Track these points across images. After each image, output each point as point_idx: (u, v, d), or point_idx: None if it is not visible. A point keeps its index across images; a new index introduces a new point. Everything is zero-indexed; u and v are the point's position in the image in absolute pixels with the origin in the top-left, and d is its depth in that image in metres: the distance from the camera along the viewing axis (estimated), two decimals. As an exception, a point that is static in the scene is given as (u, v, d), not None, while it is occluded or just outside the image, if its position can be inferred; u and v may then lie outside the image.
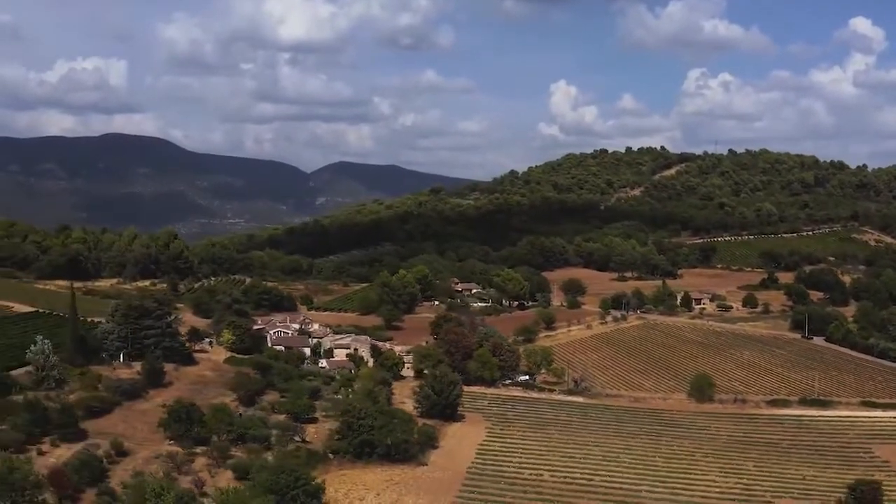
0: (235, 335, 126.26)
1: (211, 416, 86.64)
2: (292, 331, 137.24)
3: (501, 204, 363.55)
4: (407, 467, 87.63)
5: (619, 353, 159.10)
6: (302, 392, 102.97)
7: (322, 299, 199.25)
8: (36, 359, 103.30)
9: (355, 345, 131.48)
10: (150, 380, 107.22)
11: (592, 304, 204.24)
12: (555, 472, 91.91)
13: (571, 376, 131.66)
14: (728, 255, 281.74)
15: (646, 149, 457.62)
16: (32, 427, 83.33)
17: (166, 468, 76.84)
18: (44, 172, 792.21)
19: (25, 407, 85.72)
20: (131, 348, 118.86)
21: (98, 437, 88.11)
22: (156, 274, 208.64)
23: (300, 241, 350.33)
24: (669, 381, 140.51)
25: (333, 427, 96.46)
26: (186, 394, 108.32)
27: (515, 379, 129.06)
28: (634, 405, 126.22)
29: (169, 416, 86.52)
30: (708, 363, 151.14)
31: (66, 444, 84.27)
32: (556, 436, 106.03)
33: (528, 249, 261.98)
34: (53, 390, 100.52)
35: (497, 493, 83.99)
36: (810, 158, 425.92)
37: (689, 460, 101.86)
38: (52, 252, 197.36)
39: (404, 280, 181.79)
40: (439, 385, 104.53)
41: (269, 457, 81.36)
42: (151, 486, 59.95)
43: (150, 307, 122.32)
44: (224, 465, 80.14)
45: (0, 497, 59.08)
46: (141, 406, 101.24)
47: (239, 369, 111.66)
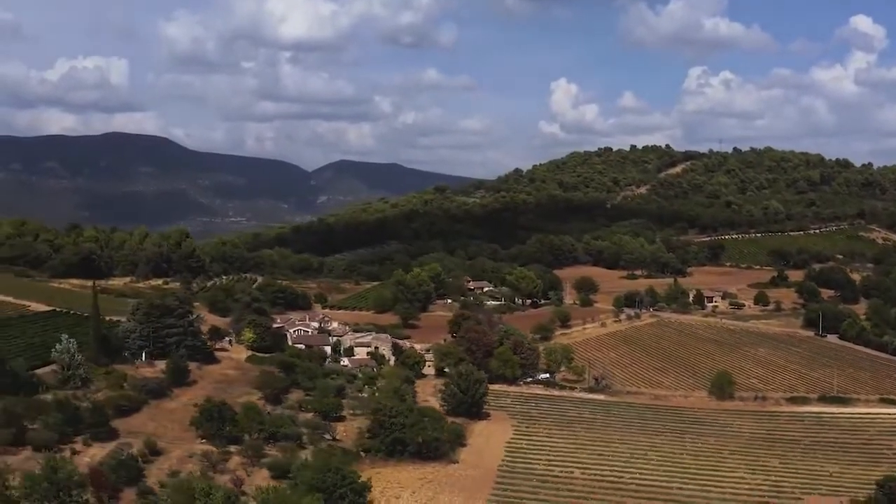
0: (256, 334, 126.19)
1: (242, 414, 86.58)
2: (312, 329, 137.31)
3: (508, 202, 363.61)
4: (438, 465, 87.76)
5: (635, 350, 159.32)
6: (328, 390, 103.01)
7: (335, 297, 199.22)
8: (62, 358, 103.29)
9: (376, 343, 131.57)
10: (175, 379, 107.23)
11: (604, 302, 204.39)
12: (585, 469, 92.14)
13: (592, 374, 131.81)
14: (736, 253, 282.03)
15: (650, 147, 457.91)
16: (65, 426, 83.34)
17: (202, 467, 76.81)
18: (45, 171, 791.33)
19: (56, 406, 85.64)
20: (153, 347, 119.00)
21: (129, 436, 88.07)
22: (168, 273, 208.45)
23: (306, 240, 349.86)
24: (688, 378, 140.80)
25: (362, 425, 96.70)
26: (211, 392, 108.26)
27: (536, 377, 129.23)
28: (655, 403, 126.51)
29: (201, 414, 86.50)
30: (725, 361, 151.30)
31: (99, 444, 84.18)
32: (582, 433, 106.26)
33: (538, 248, 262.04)
34: (79, 389, 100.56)
35: (530, 490, 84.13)
36: (815, 156, 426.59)
37: (717, 458, 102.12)
38: (66, 251, 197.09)
39: (419, 278, 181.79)
40: (465, 383, 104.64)
41: (303, 455, 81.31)
42: (200, 485, 59.82)
43: (171, 306, 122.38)
44: (258, 463, 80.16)
45: (45, 497, 58.98)
46: (168, 405, 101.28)
47: (262, 368, 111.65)
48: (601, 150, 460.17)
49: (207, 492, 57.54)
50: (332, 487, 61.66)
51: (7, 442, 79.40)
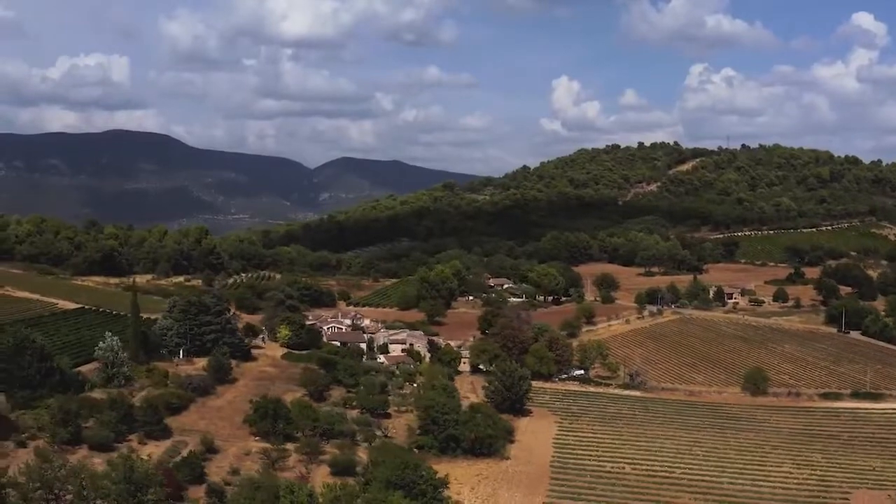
0: (292, 331, 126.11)
1: (296, 411, 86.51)
2: (345, 326, 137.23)
3: (518, 199, 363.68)
4: (491, 461, 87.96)
5: (662, 347, 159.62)
6: (373, 387, 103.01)
7: (357, 295, 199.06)
8: (106, 356, 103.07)
9: (411, 340, 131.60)
10: (218, 376, 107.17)
11: (624, 299, 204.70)
12: (635, 465, 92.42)
13: (627, 371, 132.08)
14: (750, 250, 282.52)
15: (659, 144, 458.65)
16: (119, 425, 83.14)
17: (262, 465, 76.78)
18: (47, 168, 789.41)
19: (110, 404, 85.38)
20: (190, 345, 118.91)
21: (181, 434, 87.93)
22: (188, 270, 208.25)
23: (316, 238, 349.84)
24: (720, 374, 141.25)
25: (408, 421, 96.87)
26: (253, 390, 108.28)
27: (570, 373, 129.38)
28: (691, 399, 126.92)
29: (255, 412, 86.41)
30: (753, 357, 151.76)
31: (153, 442, 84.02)
32: (625, 430, 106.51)
33: (554, 244, 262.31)
34: (123, 387, 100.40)
35: (586, 486, 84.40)
36: (825, 153, 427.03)
37: (760, 453, 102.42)
38: (88, 248, 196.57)
39: (443, 275, 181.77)
40: (510, 380, 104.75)
41: (359, 452, 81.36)
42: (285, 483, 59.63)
43: (208, 303, 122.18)
44: (316, 460, 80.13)
45: (122, 496, 58.63)
46: (214, 402, 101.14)
47: (306, 365, 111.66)
48: (609, 146, 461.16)
49: (292, 489, 57.41)
50: (411, 484, 61.74)
51: (64, 441, 79.29)
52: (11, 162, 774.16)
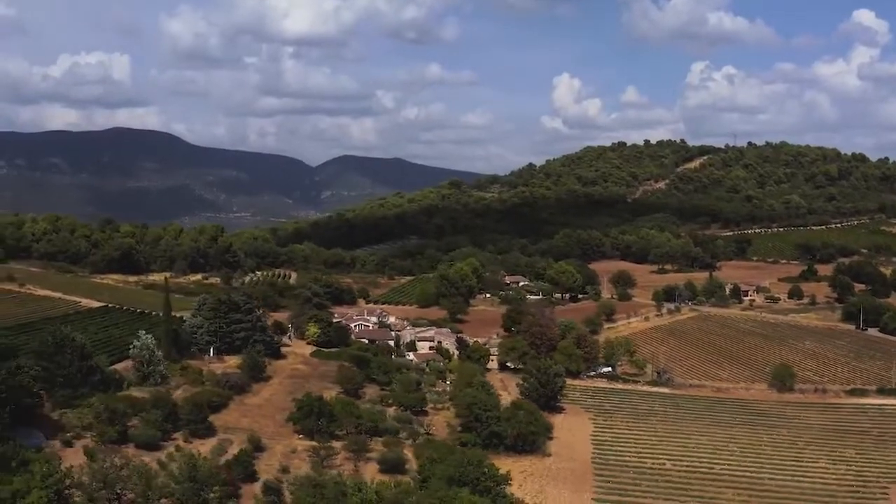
0: (321, 329, 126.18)
1: (339, 409, 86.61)
2: (372, 324, 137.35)
3: (527, 197, 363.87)
4: (534, 458, 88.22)
5: (684, 344, 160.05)
6: (409, 384, 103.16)
7: (374, 292, 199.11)
8: (142, 354, 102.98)
9: (439, 337, 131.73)
10: (252, 374, 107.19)
11: (640, 296, 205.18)
12: (675, 461, 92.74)
13: (654, 368, 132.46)
14: (762, 248, 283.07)
15: (665, 141, 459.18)
16: (164, 423, 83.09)
17: (312, 462, 76.88)
18: (49, 167, 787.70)
19: (153, 403, 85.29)
20: (220, 343, 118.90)
21: (225, 432, 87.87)
22: (204, 268, 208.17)
23: (325, 235, 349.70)
24: (744, 371, 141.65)
25: (446, 418, 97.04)
26: (289, 388, 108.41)
27: (598, 370, 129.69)
28: (718, 395, 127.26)
29: (298, 409, 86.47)
30: (776, 354, 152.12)
31: (198, 440, 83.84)
32: (659, 426, 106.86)
33: (566, 242, 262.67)
34: (159, 386, 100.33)
35: (630, 483, 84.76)
36: (832, 151, 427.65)
37: (794, 449, 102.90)
38: (106, 246, 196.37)
39: (462, 273, 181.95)
40: (545, 377, 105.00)
41: (405, 450, 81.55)
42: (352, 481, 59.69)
43: (238, 301, 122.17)
44: (363, 458, 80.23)
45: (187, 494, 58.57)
46: (251, 400, 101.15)
47: (341, 363, 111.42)
48: (615, 144, 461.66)
49: (360, 487, 57.53)
50: (475, 480, 61.87)
51: (112, 440, 79.21)
52: (13, 160, 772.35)
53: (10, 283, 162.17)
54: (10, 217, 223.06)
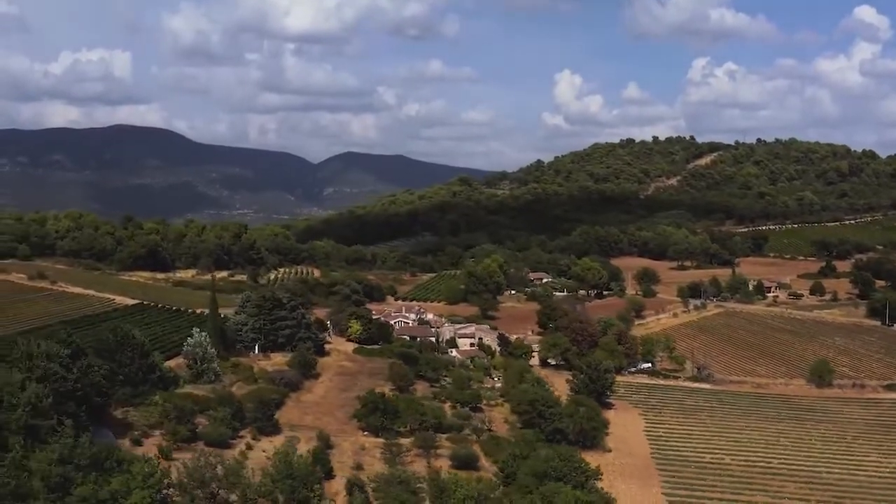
0: (363, 326, 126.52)
1: (403, 406, 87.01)
2: (412, 321, 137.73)
3: (540, 193, 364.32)
4: (596, 453, 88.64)
5: (715, 340, 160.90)
6: (462, 381, 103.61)
7: (399, 290, 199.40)
8: (195, 351, 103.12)
9: (479, 334, 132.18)
10: (303, 371, 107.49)
11: (664, 292, 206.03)
12: (732, 456, 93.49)
13: (694, 363, 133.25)
14: (778, 244, 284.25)
15: (675, 138, 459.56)
16: (232, 421, 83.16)
17: (385, 459, 77.22)
18: (52, 164, 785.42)
19: (220, 401, 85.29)
20: (265, 340, 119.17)
21: (289, 429, 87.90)
22: (228, 265, 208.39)
23: (337, 232, 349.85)
24: (781, 367, 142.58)
25: (501, 414, 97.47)
26: (340, 385, 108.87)
27: (638, 366, 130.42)
28: (759, 391, 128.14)
29: (363, 406, 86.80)
30: (808, 350, 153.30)
31: (266, 438, 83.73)
32: (708, 421, 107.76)
33: (584, 239, 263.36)
34: (213, 383, 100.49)
35: (695, 477, 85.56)
36: (841, 147, 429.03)
37: (844, 443, 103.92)
38: (132, 243, 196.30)
39: (490, 269, 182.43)
40: (595, 373, 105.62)
41: (474, 446, 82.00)
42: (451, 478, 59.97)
43: (282, 298, 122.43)
44: (434, 454, 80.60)
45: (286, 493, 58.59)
46: (306, 397, 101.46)
47: (391, 360, 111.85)
48: (624, 141, 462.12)
49: (458, 484, 57.91)
50: (568, 476, 62.27)
51: (183, 439, 79.30)
52: (15, 158, 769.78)
53: (42, 281, 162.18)
54: (32, 214, 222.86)
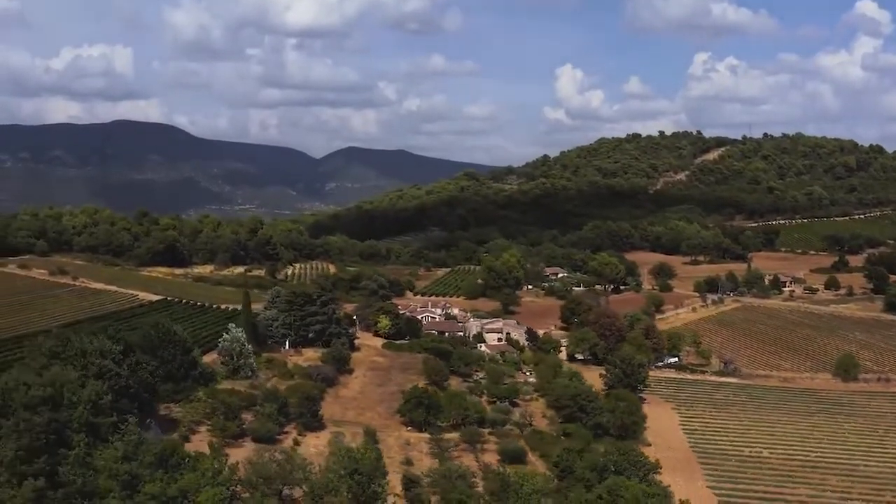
0: (391, 321, 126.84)
1: (446, 401, 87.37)
2: (438, 316, 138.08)
3: (548, 188, 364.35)
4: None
5: (736, 334, 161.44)
6: (497, 375, 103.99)
7: (416, 285, 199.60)
8: (232, 347, 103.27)
9: (507, 329, 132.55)
10: (338, 367, 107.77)
11: (680, 287, 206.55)
12: (770, 449, 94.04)
13: (720, 358, 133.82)
14: (789, 239, 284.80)
15: (681, 133, 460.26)
16: (279, 416, 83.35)
17: (434, 454, 77.57)
18: (53, 159, 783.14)
19: (265, 397, 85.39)
20: (296, 335, 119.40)
21: (332, 425, 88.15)
22: (245, 260, 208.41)
23: (345, 227, 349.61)
24: (805, 361, 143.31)
25: (538, 409, 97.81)
26: (374, 380, 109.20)
27: (665, 360, 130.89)
28: (786, 385, 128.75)
29: (406, 401, 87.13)
30: (829, 344, 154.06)
31: (311, 433, 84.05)
32: (740, 415, 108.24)
33: (596, 233, 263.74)
34: (249, 379, 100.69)
35: (737, 470, 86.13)
36: (849, 142, 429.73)
37: (875, 436, 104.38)
38: (150, 239, 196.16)
39: (509, 264, 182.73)
40: (629, 367, 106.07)
41: (520, 441, 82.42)
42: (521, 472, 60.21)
43: (313, 294, 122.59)
44: (479, 449, 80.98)
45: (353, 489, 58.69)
46: (343, 392, 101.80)
47: (425, 355, 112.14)
48: (630, 136, 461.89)
49: (526, 478, 58.29)
50: (629, 469, 62.68)
51: (231, 435, 79.44)
52: (17, 153, 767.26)
53: (64, 277, 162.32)
54: (46, 210, 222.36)
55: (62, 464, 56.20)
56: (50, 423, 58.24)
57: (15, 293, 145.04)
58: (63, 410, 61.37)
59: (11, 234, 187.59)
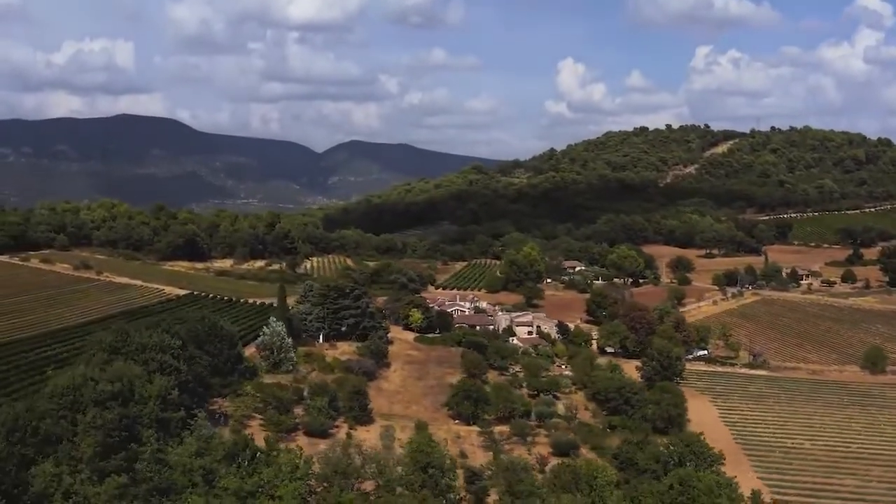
0: (423, 314, 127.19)
1: (494, 394, 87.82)
2: (468, 309, 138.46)
3: (559, 182, 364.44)
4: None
5: (760, 327, 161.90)
6: (535, 368, 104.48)
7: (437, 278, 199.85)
8: (273, 341, 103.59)
9: (537, 322, 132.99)
10: (377, 360, 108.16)
11: (697, 280, 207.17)
12: (812, 441, 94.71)
13: (749, 350, 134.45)
14: (801, 232, 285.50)
15: (689, 126, 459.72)
16: (330, 410, 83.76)
17: (487, 447, 78.05)
18: (56, 154, 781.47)
19: (316, 391, 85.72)
20: (329, 329, 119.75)
21: (381, 418, 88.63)
22: (263, 254, 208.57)
23: (355, 221, 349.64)
24: (831, 354, 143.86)
25: (578, 401, 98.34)
26: (413, 373, 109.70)
27: (695, 353, 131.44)
28: (815, 378, 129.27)
29: (454, 395, 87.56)
30: (853, 337, 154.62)
31: (361, 427, 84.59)
32: (777, 407, 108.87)
33: (610, 227, 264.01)
34: (290, 373, 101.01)
35: (783, 462, 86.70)
36: (857, 135, 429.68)
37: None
38: (170, 233, 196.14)
39: (531, 258, 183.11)
40: (667, 359, 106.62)
41: (570, 434, 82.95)
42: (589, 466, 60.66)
43: (346, 288, 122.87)
44: (530, 442, 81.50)
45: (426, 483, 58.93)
46: (384, 386, 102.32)
47: (462, 349, 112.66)
48: (637, 129, 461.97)
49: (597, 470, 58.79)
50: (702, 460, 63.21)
51: (285, 429, 79.77)
52: (20, 148, 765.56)
53: (88, 271, 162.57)
54: (63, 204, 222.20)
55: (137, 460, 56.52)
56: (121, 420, 58.57)
57: (42, 288, 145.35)
58: (132, 406, 61.71)
59: (32, 229, 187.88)
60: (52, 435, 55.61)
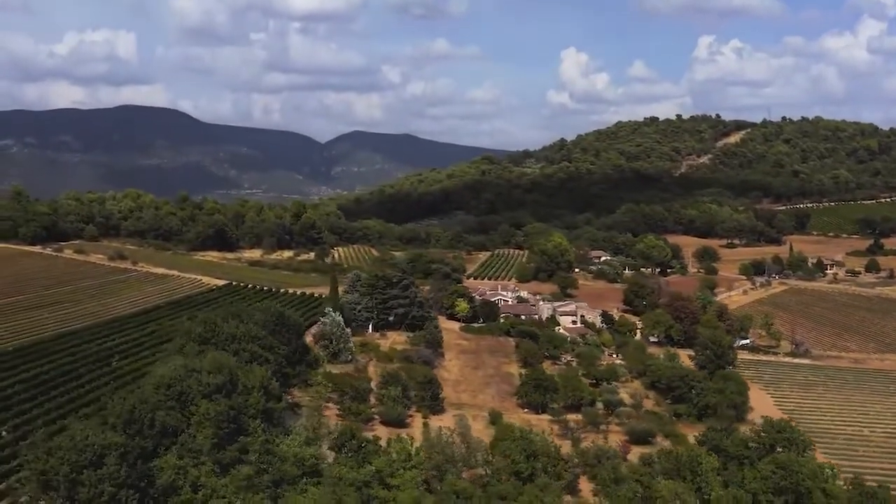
0: (469, 304, 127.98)
1: (562, 383, 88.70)
2: (510, 299, 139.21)
3: (573, 172, 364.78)
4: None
5: (794, 316, 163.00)
6: (591, 357, 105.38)
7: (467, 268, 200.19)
8: (332, 332, 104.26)
9: (581, 311, 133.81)
10: (433, 349, 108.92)
11: (722, 269, 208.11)
12: (870, 428, 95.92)
13: (792, 339, 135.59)
14: (818, 222, 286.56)
15: (700, 116, 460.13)
16: (403, 399, 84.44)
17: (565, 436, 78.94)
18: (60, 145, 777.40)
19: (389, 381, 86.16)
20: (377, 319, 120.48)
21: (451, 408, 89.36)
22: (290, 244, 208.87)
23: (369, 210, 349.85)
24: (868, 342, 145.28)
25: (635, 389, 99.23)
26: (468, 362, 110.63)
27: (738, 342, 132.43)
28: (858, 366, 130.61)
29: (525, 384, 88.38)
30: (888, 325, 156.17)
31: (434, 416, 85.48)
32: (827, 395, 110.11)
33: (630, 217, 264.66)
34: (350, 363, 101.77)
35: (847, 448, 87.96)
36: (869, 126, 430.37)
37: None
38: (200, 223, 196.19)
39: (561, 247, 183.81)
40: (720, 349, 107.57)
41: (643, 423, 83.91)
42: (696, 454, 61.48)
43: (394, 278, 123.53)
44: (599, 430, 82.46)
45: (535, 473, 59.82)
46: (444, 375, 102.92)
47: (516, 339, 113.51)
48: (647, 119, 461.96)
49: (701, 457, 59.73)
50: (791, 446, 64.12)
51: (364, 418, 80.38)
52: (23, 138, 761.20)
53: (124, 262, 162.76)
54: (89, 195, 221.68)
55: (248, 451, 57.07)
56: (229, 411, 59.04)
57: (83, 278, 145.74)
58: (234, 397, 62.18)
59: (62, 219, 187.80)
60: (167, 427, 56.19)
